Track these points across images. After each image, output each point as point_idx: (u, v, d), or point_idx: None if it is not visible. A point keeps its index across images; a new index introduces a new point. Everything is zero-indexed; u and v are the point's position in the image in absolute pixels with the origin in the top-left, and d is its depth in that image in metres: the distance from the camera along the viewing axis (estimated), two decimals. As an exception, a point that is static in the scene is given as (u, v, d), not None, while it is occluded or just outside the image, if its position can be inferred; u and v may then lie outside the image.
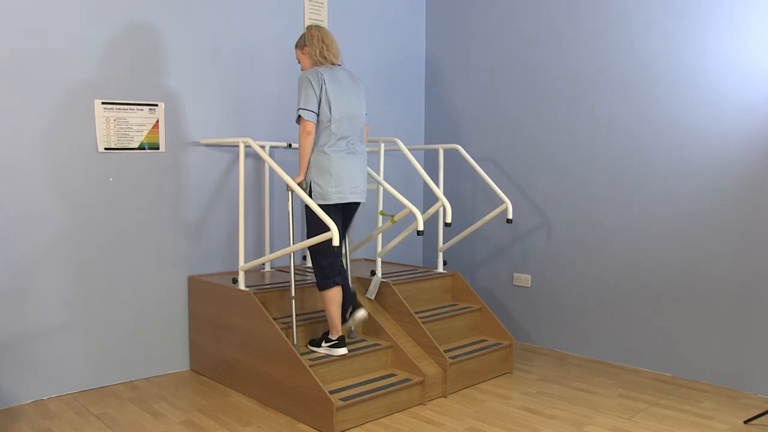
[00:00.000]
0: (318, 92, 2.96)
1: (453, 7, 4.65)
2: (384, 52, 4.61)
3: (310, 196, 3.01)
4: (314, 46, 3.06)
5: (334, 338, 3.10)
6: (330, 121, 2.98)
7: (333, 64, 3.09)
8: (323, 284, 3.07)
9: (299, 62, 3.18)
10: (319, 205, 2.98)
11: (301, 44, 3.13)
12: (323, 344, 3.12)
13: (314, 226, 3.06)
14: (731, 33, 3.30)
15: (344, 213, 3.20)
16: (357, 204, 3.20)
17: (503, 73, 4.34)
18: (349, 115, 3.04)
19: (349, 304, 3.20)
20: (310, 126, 2.95)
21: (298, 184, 3.01)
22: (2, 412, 3.01)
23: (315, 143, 3.01)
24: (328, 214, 3.03)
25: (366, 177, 3.17)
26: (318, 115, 2.98)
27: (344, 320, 3.21)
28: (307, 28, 3.11)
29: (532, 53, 4.17)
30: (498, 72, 4.38)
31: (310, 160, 3.01)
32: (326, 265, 3.06)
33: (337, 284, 3.08)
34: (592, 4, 3.84)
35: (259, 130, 3.94)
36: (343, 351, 3.08)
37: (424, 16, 4.86)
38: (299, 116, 2.97)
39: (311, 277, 3.64)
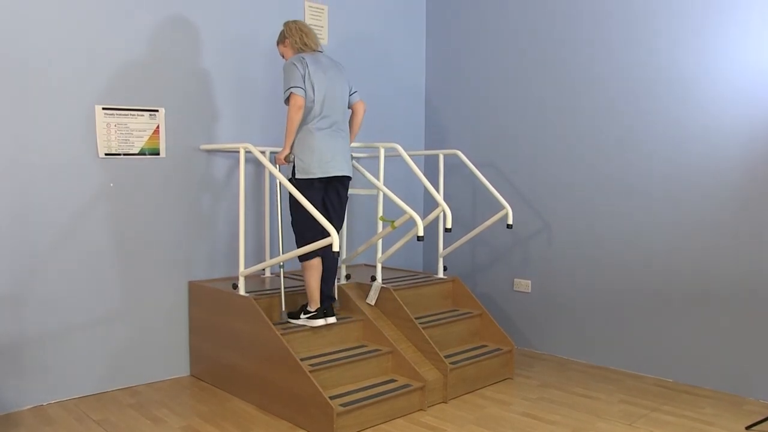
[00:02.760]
0: (303, 73, 3.08)
1: (454, 12, 4.66)
2: (384, 57, 4.62)
3: (294, 171, 3.11)
4: (293, 35, 3.22)
5: (312, 310, 3.18)
6: (314, 101, 3.10)
7: (314, 50, 3.23)
8: (305, 255, 3.13)
9: (283, 56, 3.33)
10: (303, 180, 3.08)
11: (281, 39, 3.30)
12: (302, 316, 3.19)
13: (301, 224, 3.14)
14: (734, 39, 3.31)
15: (337, 189, 3.24)
16: (345, 179, 3.25)
17: (503, 78, 4.35)
18: (331, 95, 3.16)
19: (325, 305, 3.25)
20: (301, 100, 3.06)
21: (285, 158, 3.12)
22: (2, 417, 3.00)
23: (301, 122, 3.13)
24: (312, 191, 3.10)
25: (349, 155, 3.27)
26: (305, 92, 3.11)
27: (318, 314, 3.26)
28: (284, 23, 3.27)
29: (533, 59, 4.18)
30: (498, 77, 4.39)
31: (295, 138, 3.13)
32: (309, 237, 3.14)
33: (317, 255, 3.17)
34: (594, 12, 3.85)
35: (259, 135, 3.94)
36: (320, 322, 3.16)
37: (425, 20, 4.87)
38: (288, 96, 3.06)
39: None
